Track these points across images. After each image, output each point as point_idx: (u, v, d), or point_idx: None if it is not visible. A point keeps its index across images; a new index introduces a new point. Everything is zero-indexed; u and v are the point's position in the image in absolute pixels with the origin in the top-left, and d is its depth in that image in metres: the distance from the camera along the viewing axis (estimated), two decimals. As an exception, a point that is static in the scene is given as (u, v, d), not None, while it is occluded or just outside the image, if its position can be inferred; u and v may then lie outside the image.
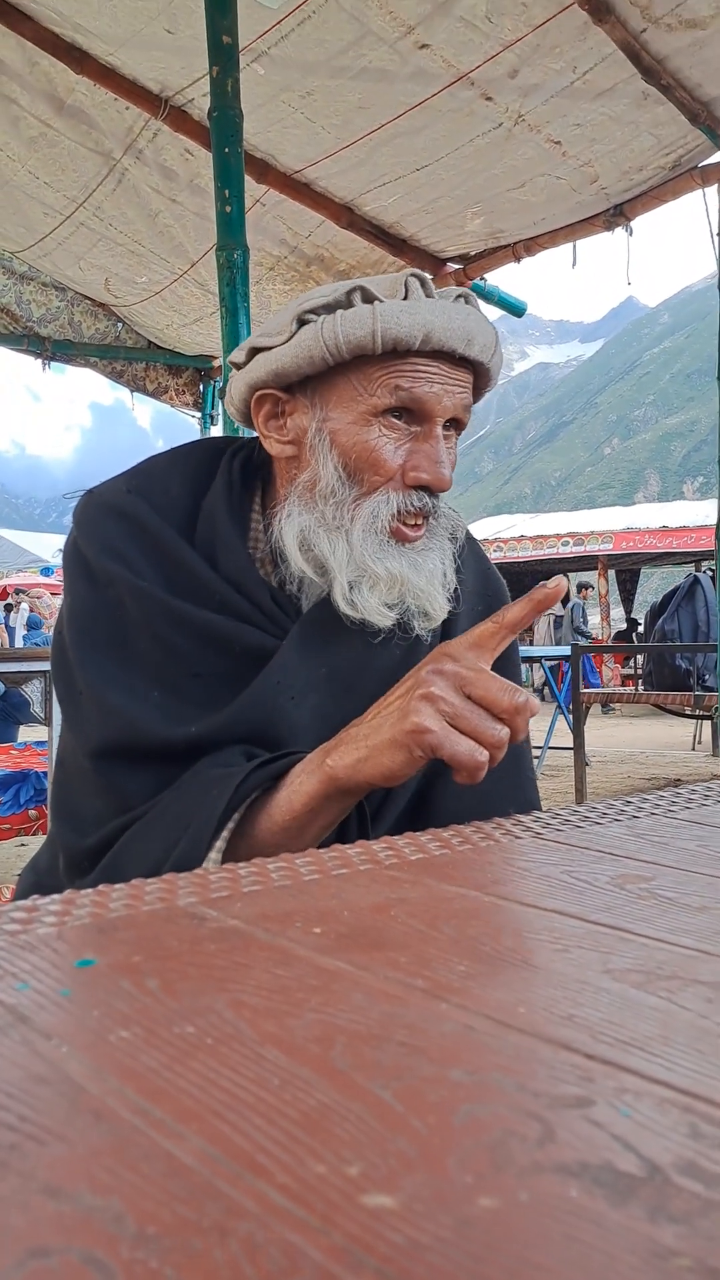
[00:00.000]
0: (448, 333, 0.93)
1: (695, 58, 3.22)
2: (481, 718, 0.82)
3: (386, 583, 0.96)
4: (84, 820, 0.97)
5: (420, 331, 0.92)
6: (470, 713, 0.82)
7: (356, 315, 0.93)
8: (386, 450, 0.96)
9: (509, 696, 0.82)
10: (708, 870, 0.64)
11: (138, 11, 3.28)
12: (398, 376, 0.94)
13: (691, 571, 7.84)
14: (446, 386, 0.96)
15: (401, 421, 0.96)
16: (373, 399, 0.95)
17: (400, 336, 0.92)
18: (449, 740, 0.81)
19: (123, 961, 0.48)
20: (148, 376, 5.70)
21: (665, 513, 18.34)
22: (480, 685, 0.82)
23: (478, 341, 0.96)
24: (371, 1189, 0.28)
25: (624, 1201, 0.27)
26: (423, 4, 3.08)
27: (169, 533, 1.00)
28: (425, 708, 0.82)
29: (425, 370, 0.95)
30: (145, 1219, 0.27)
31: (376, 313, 0.92)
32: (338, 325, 0.93)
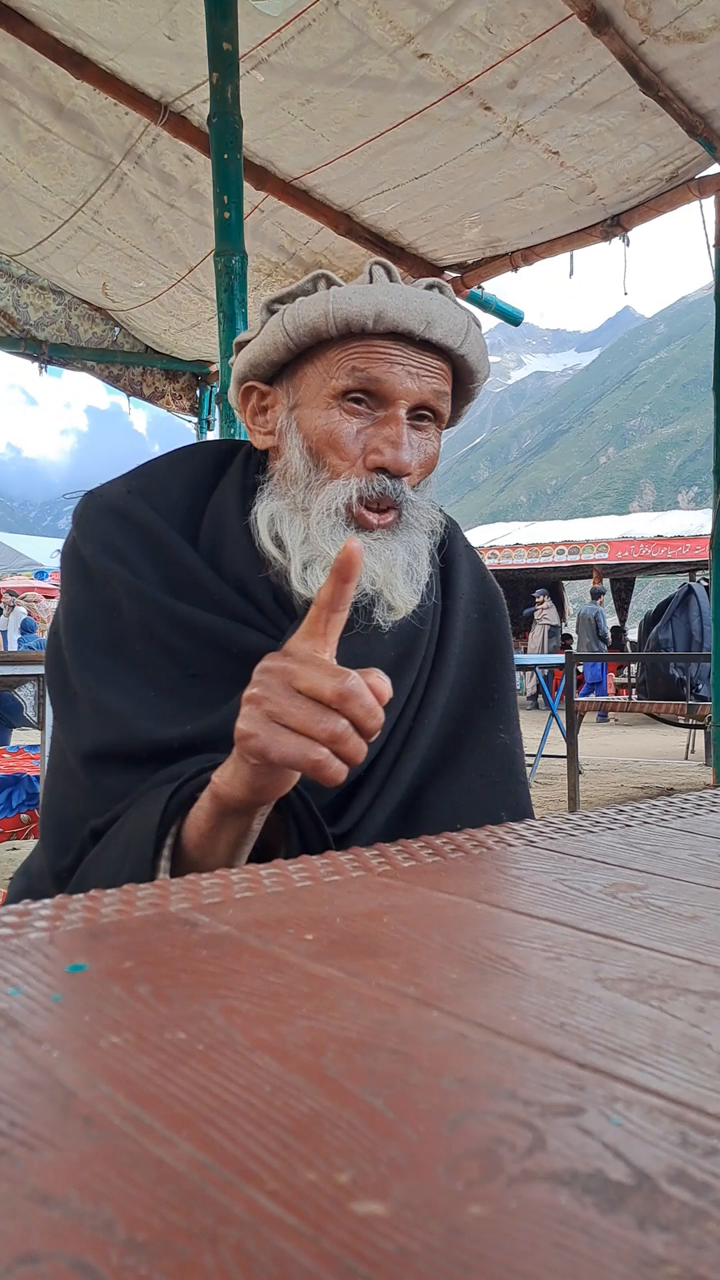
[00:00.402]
0: (402, 312, 0.93)
1: (693, 70, 3.24)
2: (311, 712, 0.73)
3: None
4: (67, 830, 0.96)
5: (371, 310, 0.93)
6: (297, 708, 0.73)
7: (313, 299, 0.95)
8: (346, 433, 0.96)
9: (332, 684, 0.72)
10: (700, 879, 0.64)
11: (138, 17, 3.29)
12: (354, 357, 0.95)
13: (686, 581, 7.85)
14: (409, 369, 0.96)
15: (364, 406, 0.97)
16: (332, 382, 0.96)
17: (351, 316, 0.93)
18: (274, 743, 0.73)
19: (114, 967, 0.48)
20: (145, 381, 5.71)
21: (660, 522, 18.37)
22: (304, 677, 0.73)
23: (440, 324, 0.95)
24: (362, 1196, 0.28)
25: (614, 1210, 0.27)
26: (423, 14, 3.10)
27: (169, 533, 1.00)
28: (248, 710, 0.75)
29: (382, 351, 0.95)
30: (135, 1225, 0.27)
31: (330, 295, 0.94)
32: (296, 310, 0.95)
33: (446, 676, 1.06)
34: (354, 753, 0.73)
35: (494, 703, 1.10)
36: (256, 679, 0.76)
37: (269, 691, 0.74)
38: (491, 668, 1.11)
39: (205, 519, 1.03)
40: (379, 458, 0.95)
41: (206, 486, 1.06)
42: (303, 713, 0.73)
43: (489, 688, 1.10)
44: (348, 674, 0.73)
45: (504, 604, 1.18)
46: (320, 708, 0.73)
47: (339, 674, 0.73)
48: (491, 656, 1.12)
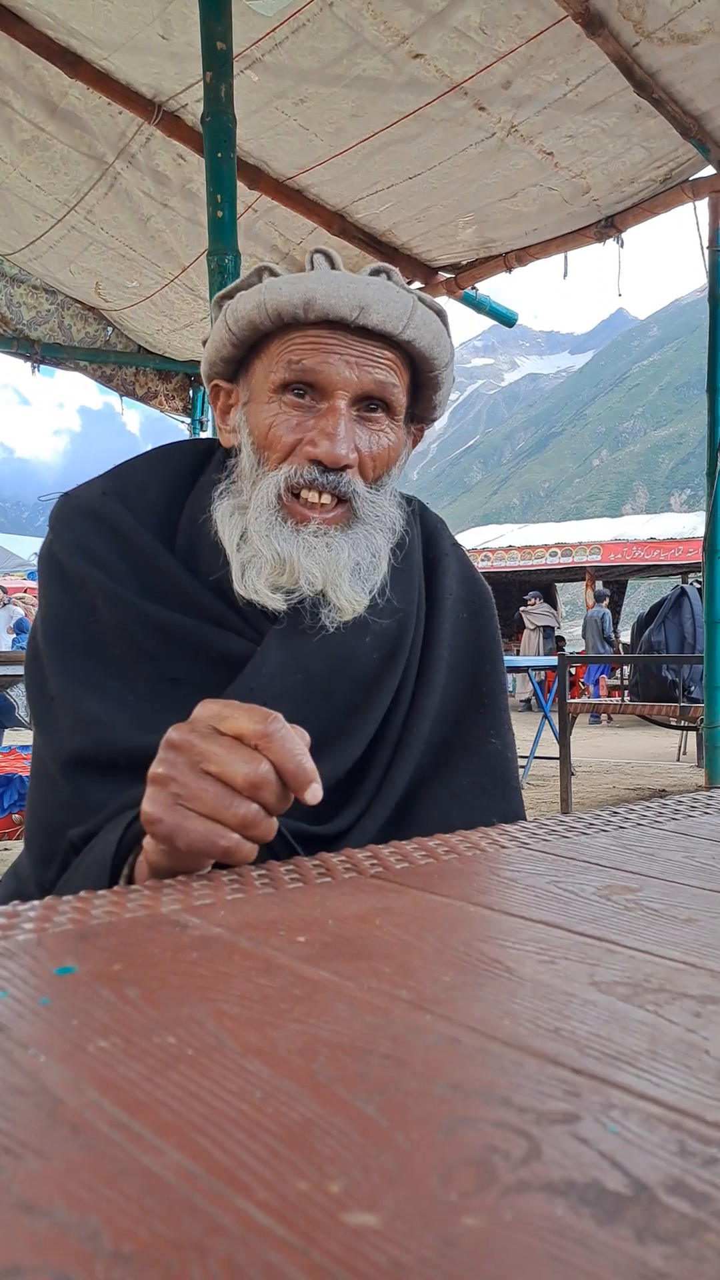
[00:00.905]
0: (332, 299, 0.92)
1: (687, 72, 3.24)
2: (219, 796, 0.66)
3: (273, 564, 0.93)
4: (49, 841, 0.95)
5: (300, 299, 0.91)
6: (205, 791, 0.66)
7: (249, 292, 0.95)
8: (284, 426, 0.95)
9: (244, 771, 0.66)
10: (694, 882, 0.64)
11: (132, 17, 3.28)
12: (290, 349, 0.94)
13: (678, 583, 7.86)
14: (346, 358, 0.94)
15: (306, 399, 0.95)
16: (273, 375, 0.96)
17: (282, 306, 0.92)
18: (180, 830, 0.66)
19: (103, 969, 0.47)
20: (137, 381, 5.69)
21: (653, 525, 18.41)
22: (214, 760, 0.67)
23: (376, 310, 0.93)
24: (354, 1207, 0.27)
25: (611, 1221, 0.27)
26: (417, 14, 3.09)
27: (144, 535, 0.99)
28: (153, 792, 0.68)
29: (316, 340, 0.93)
30: (122, 1236, 0.26)
31: (263, 286, 0.93)
32: (236, 305, 0.96)
33: (436, 680, 1.05)
34: (264, 835, 0.68)
35: (484, 707, 1.09)
36: (163, 756, 0.68)
37: (176, 771, 0.67)
38: (482, 671, 1.10)
39: (182, 520, 1.02)
40: (313, 449, 0.94)
41: (184, 487, 1.05)
42: (211, 796, 0.66)
43: (479, 692, 1.09)
44: (260, 759, 0.67)
45: (493, 604, 1.17)
46: (230, 791, 0.66)
47: (251, 759, 0.66)
48: (481, 659, 1.10)
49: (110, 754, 0.91)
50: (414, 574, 1.08)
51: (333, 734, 0.96)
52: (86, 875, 0.83)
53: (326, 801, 0.98)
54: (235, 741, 0.68)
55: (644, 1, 2.98)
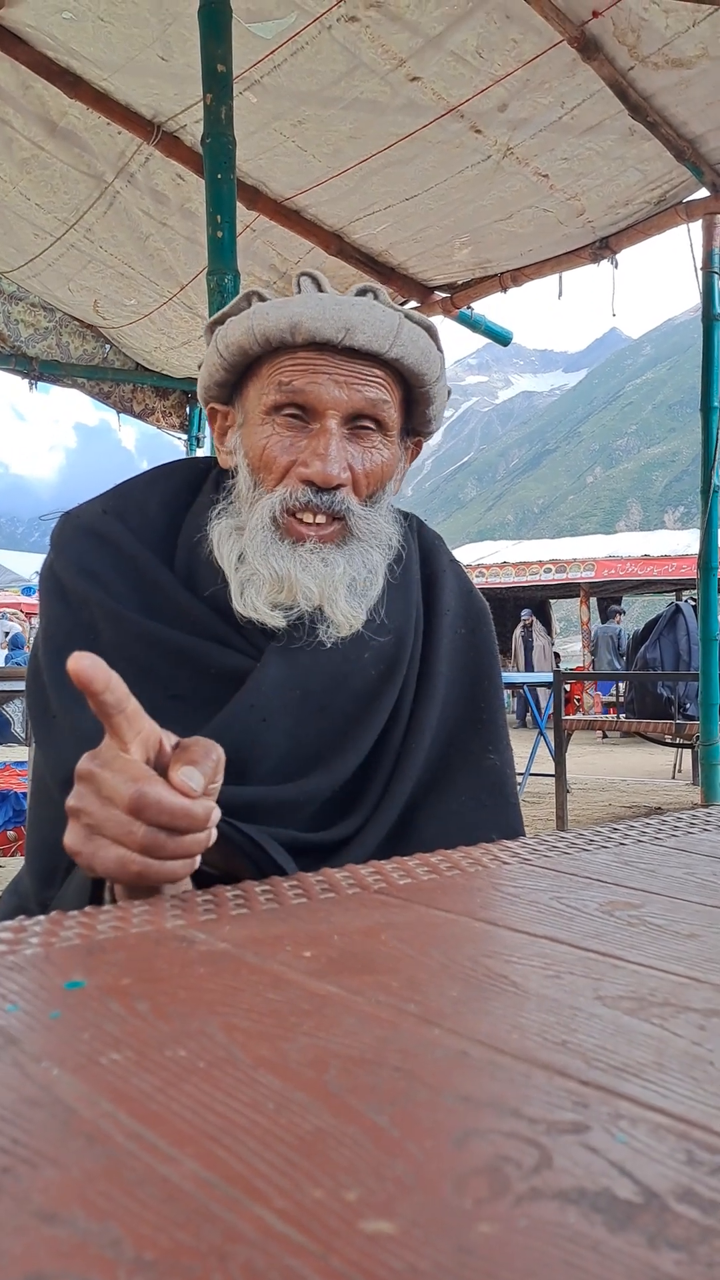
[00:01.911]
0: (318, 321, 0.93)
1: (681, 96, 3.28)
2: (120, 822, 0.66)
3: (271, 582, 0.95)
4: (49, 858, 0.95)
5: (287, 323, 0.93)
6: (109, 819, 0.67)
7: (239, 318, 0.96)
8: (277, 448, 0.96)
9: (124, 790, 0.66)
10: (696, 898, 0.64)
11: (132, 39, 3.31)
12: (281, 372, 0.96)
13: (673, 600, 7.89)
14: (334, 378, 0.95)
15: (298, 420, 0.97)
16: (264, 398, 0.97)
17: (270, 331, 0.94)
18: (96, 858, 0.67)
19: (112, 983, 0.48)
20: (135, 398, 5.71)
21: (647, 541, 18.48)
22: (105, 785, 0.67)
23: (361, 330, 0.94)
24: (370, 1214, 0.28)
25: (623, 1228, 0.27)
26: (414, 38, 3.13)
27: (144, 554, 1.00)
28: (70, 824, 0.69)
29: (305, 362, 0.95)
30: (143, 1244, 0.26)
31: (252, 312, 0.95)
32: (227, 330, 0.97)
33: (435, 696, 1.06)
34: (177, 853, 0.66)
35: (482, 723, 1.09)
36: (75, 789, 0.70)
37: (84, 802, 0.68)
38: (480, 686, 1.11)
39: (180, 539, 1.03)
40: (305, 470, 0.95)
41: (183, 505, 1.06)
42: (114, 823, 0.66)
43: (478, 707, 1.10)
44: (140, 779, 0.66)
45: (490, 620, 1.17)
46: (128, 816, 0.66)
47: (132, 779, 0.66)
48: (479, 675, 1.11)
49: None
50: (412, 590, 1.08)
51: (329, 747, 0.97)
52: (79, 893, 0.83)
53: (325, 810, 0.98)
54: (125, 764, 0.68)
55: (639, 26, 3.02)
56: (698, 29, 2.98)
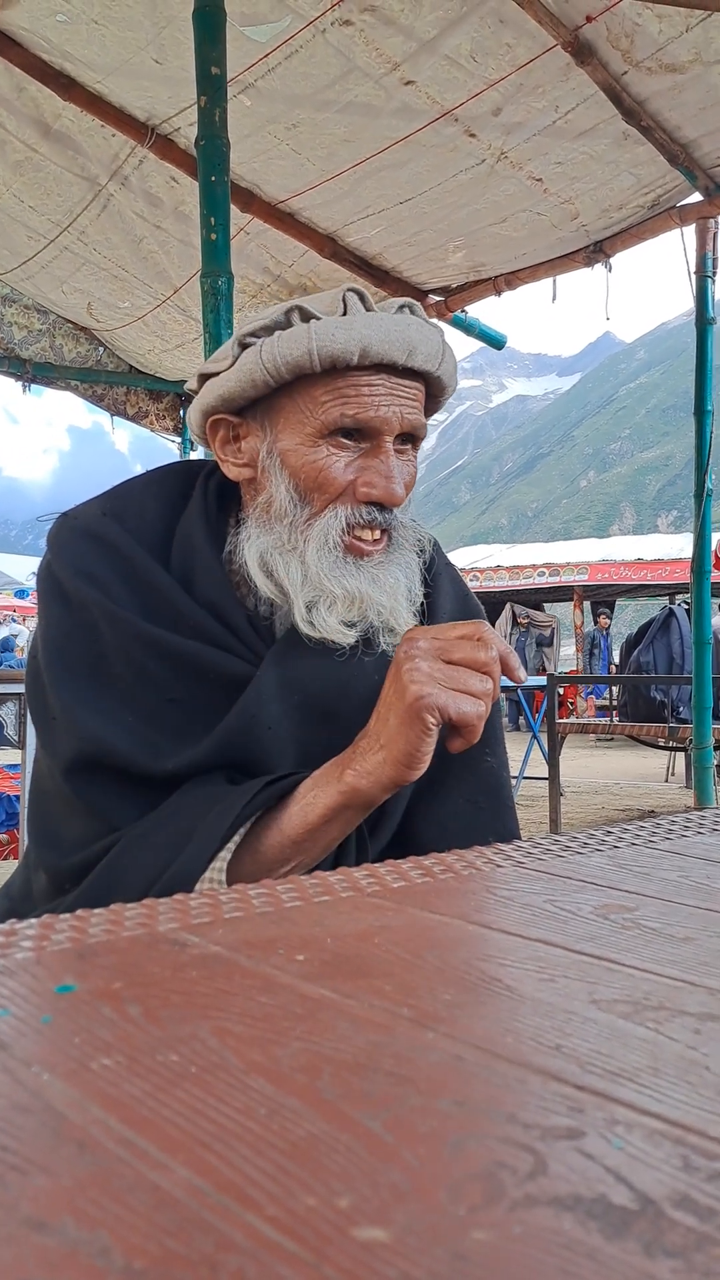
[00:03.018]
0: (386, 345, 0.93)
1: (674, 101, 3.29)
2: (468, 676, 0.86)
3: (344, 601, 0.95)
4: (64, 841, 0.96)
5: (357, 347, 0.92)
6: (458, 674, 0.86)
7: (293, 335, 0.93)
8: (336, 469, 0.96)
9: (484, 652, 0.87)
10: (690, 901, 0.64)
11: (127, 41, 3.31)
12: (341, 397, 0.94)
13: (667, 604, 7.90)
14: (394, 402, 0.95)
15: (350, 440, 0.96)
16: (319, 419, 0.95)
17: (337, 353, 0.92)
18: (453, 700, 0.86)
19: (103, 987, 0.47)
20: (128, 401, 5.71)
21: (640, 545, 18.50)
22: (458, 650, 0.87)
23: (420, 351, 0.95)
24: (363, 1222, 0.28)
25: (619, 1235, 0.27)
26: (408, 42, 3.13)
27: (143, 556, 0.99)
28: (419, 676, 0.86)
29: (369, 386, 0.94)
30: (133, 1253, 0.26)
31: (312, 331, 0.92)
32: (276, 347, 0.93)
33: None
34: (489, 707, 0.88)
35: None
36: (409, 654, 0.87)
37: (429, 664, 0.87)
38: None
39: (175, 542, 1.02)
40: (371, 491, 0.95)
41: (180, 509, 1.05)
42: (464, 676, 0.87)
43: None
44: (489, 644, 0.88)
45: (487, 622, 1.17)
46: (474, 673, 0.87)
47: (484, 644, 0.88)
48: None
49: (112, 764, 0.93)
50: None
51: (335, 755, 0.96)
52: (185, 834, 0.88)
53: None
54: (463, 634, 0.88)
55: (632, 31, 3.02)
56: (691, 34, 2.99)
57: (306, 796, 0.91)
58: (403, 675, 0.87)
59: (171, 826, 0.90)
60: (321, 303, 0.95)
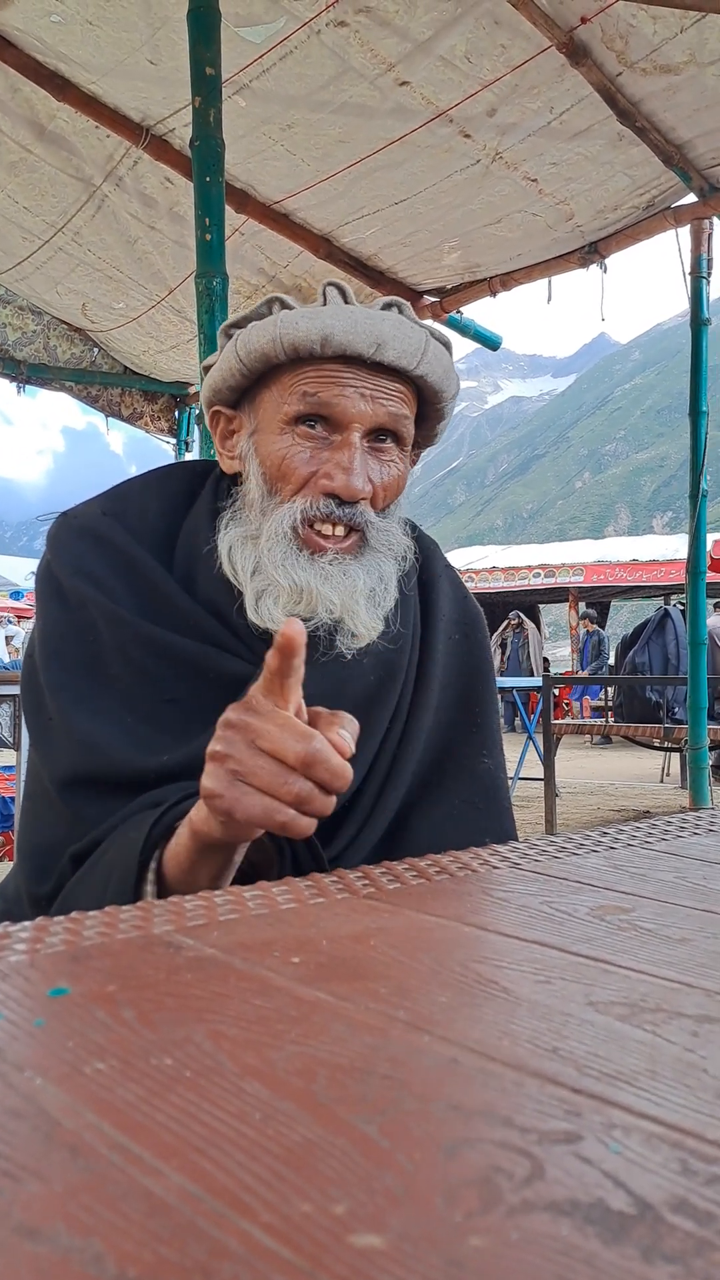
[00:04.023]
0: (350, 335, 0.92)
1: (669, 102, 3.29)
2: (274, 773, 0.70)
3: (290, 594, 0.94)
4: (45, 857, 0.95)
5: (318, 335, 0.92)
6: (261, 768, 0.71)
7: (263, 324, 0.94)
8: (299, 458, 0.95)
9: (297, 748, 0.70)
10: (687, 902, 0.64)
11: (121, 42, 3.31)
12: (305, 382, 0.94)
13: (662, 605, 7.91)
14: (361, 391, 0.94)
15: (318, 430, 0.96)
16: (285, 407, 0.95)
17: (298, 341, 0.92)
18: (239, 804, 0.71)
19: (97, 991, 0.47)
20: (123, 402, 5.70)
21: (636, 546, 18.50)
22: (268, 737, 0.71)
23: (391, 346, 0.94)
24: (359, 1228, 0.27)
25: (617, 1241, 0.27)
26: (403, 43, 3.13)
27: (143, 556, 0.99)
28: (213, 768, 0.73)
29: (332, 375, 0.94)
30: (125, 1260, 0.26)
31: (279, 320, 0.93)
32: (248, 336, 0.95)
33: (429, 701, 1.05)
34: (321, 810, 0.71)
35: (477, 727, 1.09)
36: (220, 734, 0.73)
37: (233, 749, 0.72)
38: (474, 691, 1.10)
39: (179, 542, 1.02)
40: (329, 483, 0.94)
41: (182, 509, 1.05)
42: (267, 773, 0.70)
43: (472, 712, 1.09)
44: (312, 736, 0.70)
45: (485, 626, 1.17)
46: (285, 768, 0.70)
47: (304, 737, 0.70)
48: (474, 679, 1.11)
49: (107, 776, 0.91)
50: (410, 596, 1.08)
51: None
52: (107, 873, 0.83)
53: (323, 824, 0.97)
54: (289, 720, 0.72)
55: (627, 32, 3.03)
56: (685, 35, 2.99)
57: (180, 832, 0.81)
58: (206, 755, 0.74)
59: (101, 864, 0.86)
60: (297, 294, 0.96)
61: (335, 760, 0.70)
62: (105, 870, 0.85)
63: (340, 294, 0.96)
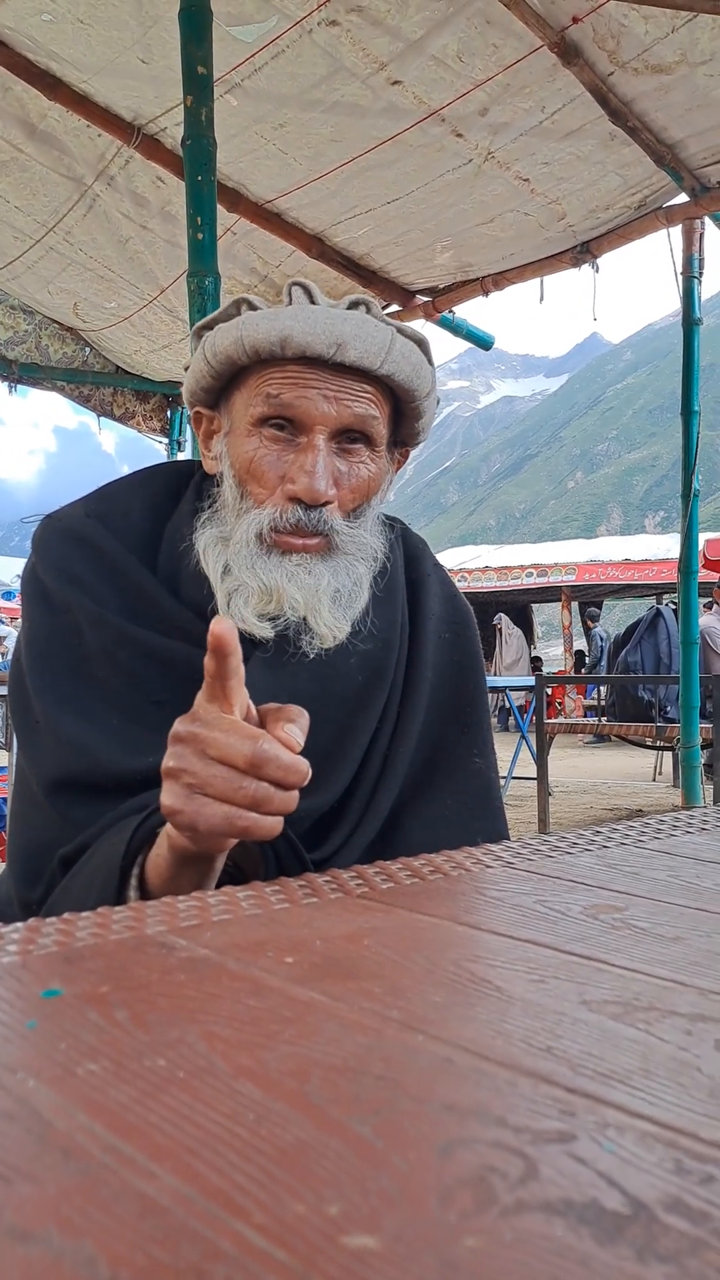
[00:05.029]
0: (309, 336, 0.91)
1: (660, 102, 3.29)
2: (227, 780, 0.70)
3: (260, 594, 0.94)
4: (34, 860, 0.94)
5: (277, 336, 0.91)
6: (215, 777, 0.70)
7: (227, 326, 0.95)
8: (266, 461, 0.95)
9: (243, 750, 0.69)
10: (680, 900, 0.64)
11: (112, 41, 3.30)
12: (268, 384, 0.94)
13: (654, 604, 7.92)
14: (324, 392, 0.94)
15: (285, 432, 0.95)
16: (251, 409, 0.95)
17: (259, 343, 0.92)
18: (200, 816, 0.70)
19: (90, 992, 0.47)
20: (115, 401, 5.69)
21: (628, 545, 18.53)
22: (215, 744, 0.70)
23: (353, 346, 0.93)
24: (353, 1229, 0.27)
25: (611, 1241, 0.27)
26: (395, 42, 3.13)
27: (127, 557, 0.98)
28: (169, 785, 0.72)
29: (295, 376, 0.93)
30: (118, 1262, 0.26)
31: (242, 322, 0.93)
32: (215, 338, 0.96)
33: (420, 701, 1.05)
34: (282, 808, 0.71)
35: (468, 727, 1.09)
36: (171, 750, 0.72)
37: (184, 762, 0.71)
38: (465, 691, 1.10)
39: (163, 543, 1.02)
40: (292, 487, 0.94)
41: (165, 509, 1.05)
42: (221, 781, 0.70)
43: (463, 711, 1.09)
44: (258, 737, 0.69)
45: (475, 624, 1.17)
46: (238, 773, 0.70)
47: (249, 737, 0.70)
48: (465, 679, 1.11)
49: (95, 779, 0.91)
50: (397, 595, 1.08)
51: (323, 758, 0.96)
52: (91, 879, 0.83)
53: (315, 826, 0.97)
54: (234, 724, 0.71)
55: (619, 32, 3.03)
56: (676, 35, 2.99)
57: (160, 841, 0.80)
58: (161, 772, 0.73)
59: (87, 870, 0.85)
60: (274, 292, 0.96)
61: (285, 756, 0.70)
62: (89, 876, 0.84)
63: (306, 293, 0.96)
